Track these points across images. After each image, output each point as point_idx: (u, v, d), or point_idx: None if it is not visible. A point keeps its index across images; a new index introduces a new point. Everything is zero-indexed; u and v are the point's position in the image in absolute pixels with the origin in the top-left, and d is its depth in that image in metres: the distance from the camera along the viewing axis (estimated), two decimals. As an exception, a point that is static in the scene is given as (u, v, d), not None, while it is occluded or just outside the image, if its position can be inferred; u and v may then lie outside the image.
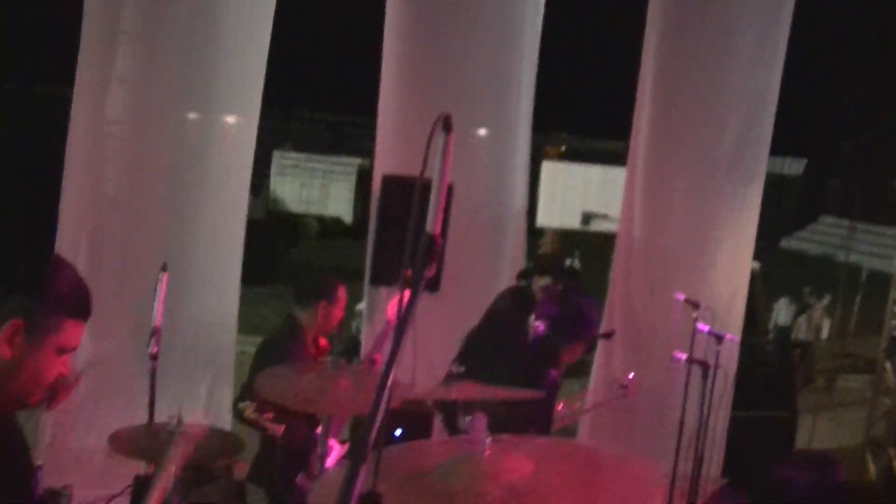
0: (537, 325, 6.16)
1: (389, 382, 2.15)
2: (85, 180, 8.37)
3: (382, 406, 2.09)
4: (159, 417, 5.19)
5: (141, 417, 5.30)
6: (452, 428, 5.97)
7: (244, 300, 9.02)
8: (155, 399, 5.22)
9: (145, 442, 4.14)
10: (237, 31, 8.55)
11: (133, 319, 7.68)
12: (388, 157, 9.11)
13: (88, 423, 7.98)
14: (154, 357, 5.25)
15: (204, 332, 8.60)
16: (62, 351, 2.86)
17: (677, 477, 7.15)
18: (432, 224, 2.31)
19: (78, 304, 2.86)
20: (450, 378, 4.62)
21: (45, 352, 2.81)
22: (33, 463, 3.17)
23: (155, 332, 5.29)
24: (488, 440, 2.48)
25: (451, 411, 5.93)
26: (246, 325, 9.43)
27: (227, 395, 8.47)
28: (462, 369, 3.91)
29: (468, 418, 3.32)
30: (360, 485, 2.01)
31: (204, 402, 8.63)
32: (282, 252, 24.16)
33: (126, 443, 4.11)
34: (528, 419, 5.21)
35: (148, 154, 8.50)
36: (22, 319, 2.73)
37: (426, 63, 9.13)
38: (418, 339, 2.36)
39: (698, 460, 6.50)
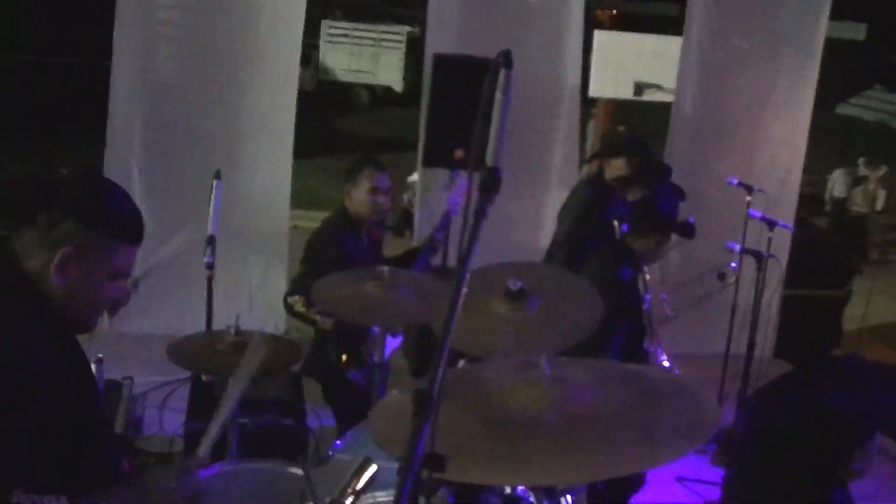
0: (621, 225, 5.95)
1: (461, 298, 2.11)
2: (134, 68, 8.36)
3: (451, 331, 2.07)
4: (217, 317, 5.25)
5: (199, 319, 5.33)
6: None
7: (295, 173, 9.00)
8: (212, 309, 5.23)
9: (203, 351, 4.17)
10: None
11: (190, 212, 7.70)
12: (440, 28, 8.98)
13: (147, 314, 8.13)
14: (210, 266, 5.20)
15: (258, 210, 8.65)
16: (115, 276, 2.87)
17: (730, 357, 7.20)
18: (493, 156, 2.27)
19: (130, 228, 2.85)
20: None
21: (99, 277, 2.82)
22: (97, 383, 3.21)
23: (210, 241, 5.22)
24: (547, 363, 2.48)
25: None
26: (296, 198, 9.39)
27: (280, 278, 8.54)
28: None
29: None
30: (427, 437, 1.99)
31: (259, 282, 8.74)
32: (333, 122, 24.10)
33: (184, 353, 4.14)
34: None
35: (197, 34, 8.46)
36: (73, 246, 2.74)
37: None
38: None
39: (751, 346, 6.50)
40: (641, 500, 6.10)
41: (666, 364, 5.90)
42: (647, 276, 5.76)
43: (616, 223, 5.76)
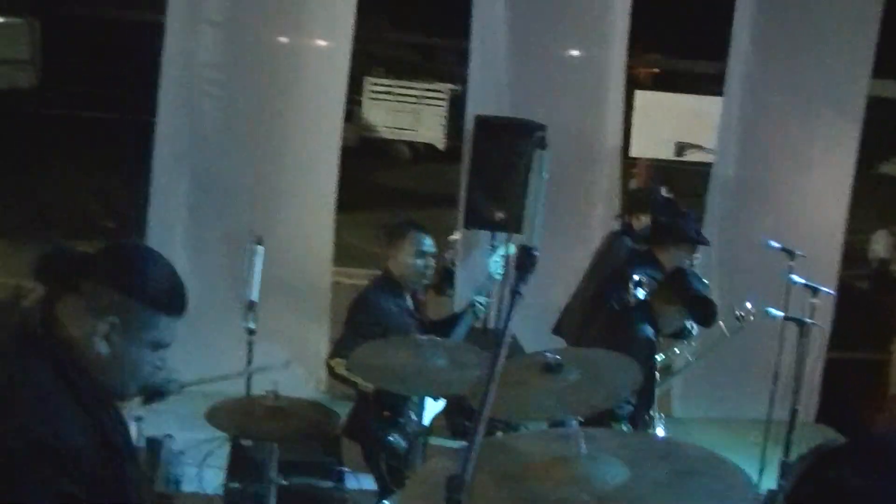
0: (640, 285, 6.01)
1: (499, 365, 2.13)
2: (178, 125, 8.47)
3: (490, 397, 2.08)
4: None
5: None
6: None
7: (336, 228, 9.03)
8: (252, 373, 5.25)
9: (242, 417, 4.20)
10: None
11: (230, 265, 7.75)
12: (480, 88, 9.05)
13: (189, 370, 8.15)
14: (251, 332, 5.23)
15: (300, 268, 8.71)
16: (157, 346, 2.92)
17: (772, 422, 7.14)
18: (529, 236, 2.30)
19: (173, 301, 2.89)
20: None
21: (141, 347, 2.86)
22: (131, 448, 3.23)
23: (251, 307, 5.25)
24: (583, 441, 2.48)
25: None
26: (337, 254, 9.42)
27: (322, 336, 8.56)
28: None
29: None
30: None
31: (300, 340, 8.76)
32: (374, 178, 24.20)
33: (223, 416, 4.17)
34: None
35: (241, 92, 8.58)
36: (117, 316, 2.79)
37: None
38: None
39: (792, 412, 6.45)
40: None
41: (661, 432, 5.86)
42: None
43: (641, 281, 5.80)
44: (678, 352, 6.63)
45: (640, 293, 5.87)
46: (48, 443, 2.57)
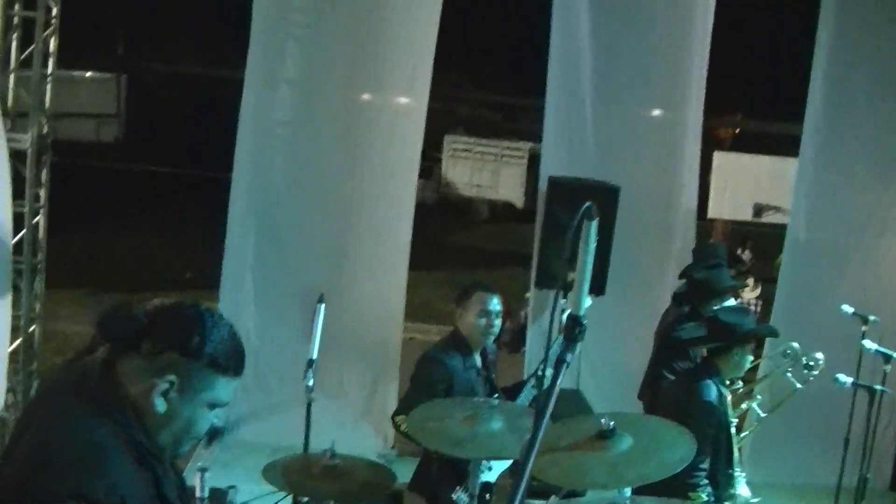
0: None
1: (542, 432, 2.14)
2: (252, 180, 8.59)
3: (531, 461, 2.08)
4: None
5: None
6: None
7: (413, 285, 9.06)
8: (310, 431, 5.28)
9: (298, 475, 4.22)
10: (404, 13, 8.63)
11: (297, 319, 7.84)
12: (556, 148, 9.08)
13: (259, 423, 8.28)
14: (310, 390, 5.25)
15: (371, 324, 8.76)
16: (214, 405, 2.97)
17: (843, 489, 7.03)
18: (576, 305, 2.30)
19: (231, 362, 2.91)
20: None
21: (198, 406, 2.92)
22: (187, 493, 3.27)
23: (310, 364, 5.28)
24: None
25: None
26: (414, 310, 9.45)
27: (392, 392, 8.57)
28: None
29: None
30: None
31: (369, 394, 8.80)
32: (452, 236, 24.31)
33: (280, 474, 4.20)
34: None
35: (315, 151, 8.68)
36: (177, 376, 2.86)
37: (596, 39, 8.91)
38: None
39: (862, 480, 6.34)
40: None
41: (745, 491, 5.77)
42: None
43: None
44: (745, 407, 6.55)
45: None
46: (101, 498, 2.62)
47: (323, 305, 5.59)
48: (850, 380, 6.23)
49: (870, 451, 6.36)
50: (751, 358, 5.77)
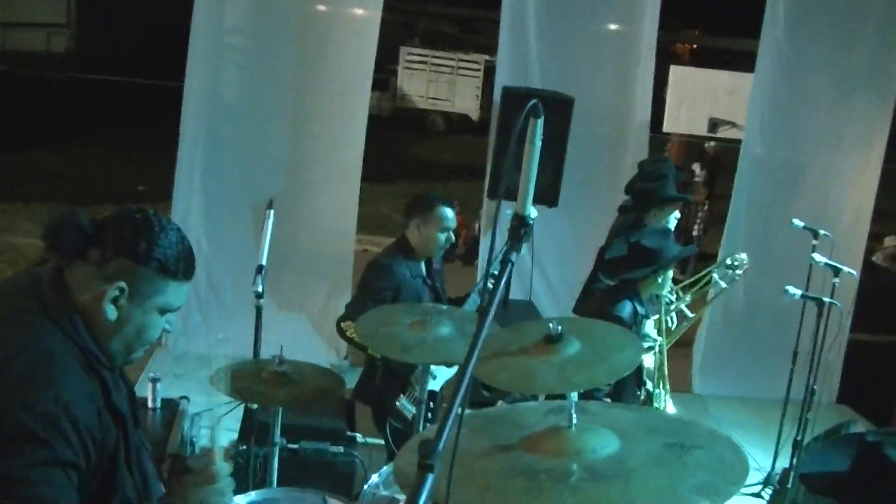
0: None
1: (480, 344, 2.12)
2: (203, 91, 8.48)
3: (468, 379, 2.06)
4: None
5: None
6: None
7: (368, 198, 9.01)
8: (259, 337, 5.26)
9: (246, 381, 4.20)
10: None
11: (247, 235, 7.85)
12: (511, 60, 9.05)
13: (211, 335, 8.28)
14: (259, 296, 5.21)
15: (323, 236, 8.73)
16: (164, 311, 2.95)
17: (790, 402, 7.11)
18: (521, 205, 2.27)
19: (180, 266, 2.88)
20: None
21: (149, 312, 2.89)
22: (138, 412, 3.26)
23: (259, 270, 5.23)
24: (577, 411, 2.48)
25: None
26: (368, 222, 9.41)
27: (344, 301, 8.56)
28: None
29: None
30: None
31: (322, 306, 8.81)
32: (408, 148, 24.23)
33: (228, 381, 4.17)
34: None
35: (268, 61, 8.58)
36: (125, 282, 2.83)
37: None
38: (536, 253, 2.29)
39: (810, 391, 6.40)
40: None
41: (672, 409, 5.85)
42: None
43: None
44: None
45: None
46: (50, 411, 2.60)
47: (272, 211, 5.54)
48: (799, 292, 6.26)
49: (817, 364, 6.41)
50: (671, 275, 5.86)
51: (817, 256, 6.63)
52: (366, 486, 3.95)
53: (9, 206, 13.86)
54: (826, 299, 6.21)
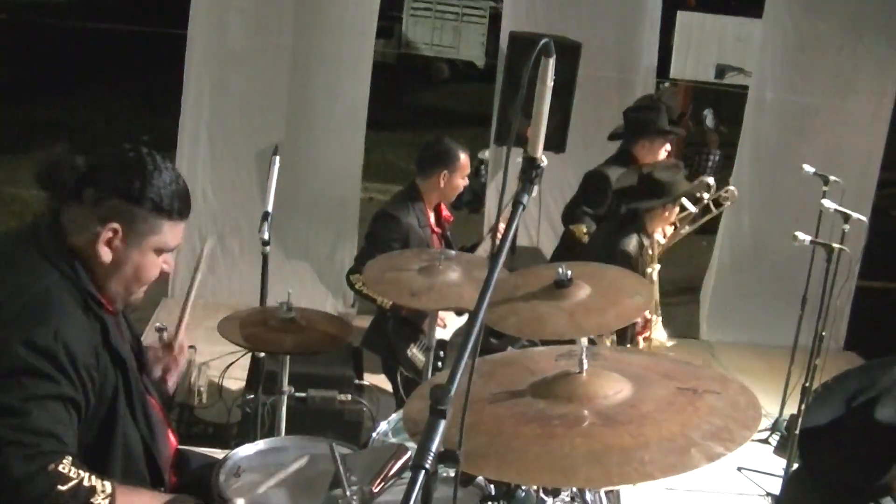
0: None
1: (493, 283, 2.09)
2: (207, 38, 8.40)
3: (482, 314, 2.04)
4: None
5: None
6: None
7: (373, 146, 8.95)
8: (266, 285, 5.23)
9: (254, 328, 4.16)
10: None
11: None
12: (517, 5, 8.95)
13: (219, 283, 8.30)
14: (265, 243, 5.17)
15: (329, 184, 8.68)
16: (161, 250, 2.91)
17: (798, 349, 7.09)
18: (533, 146, 2.23)
19: (175, 205, 2.87)
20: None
21: (145, 252, 2.87)
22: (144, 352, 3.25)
23: (265, 217, 5.18)
24: (587, 358, 2.45)
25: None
26: (373, 170, 9.36)
27: (350, 251, 8.54)
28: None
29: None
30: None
31: (328, 254, 8.78)
32: (413, 96, 24.09)
33: (235, 328, 4.14)
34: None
35: (271, 7, 8.48)
36: (120, 223, 2.80)
37: None
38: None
39: (818, 337, 6.36)
40: (700, 489, 6.06)
41: (662, 334, 5.90)
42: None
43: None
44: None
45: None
46: (49, 346, 2.59)
47: (278, 157, 5.47)
48: (808, 238, 6.21)
49: (826, 310, 6.37)
50: (677, 210, 5.98)
51: (827, 203, 6.57)
52: (374, 434, 3.93)
53: (12, 158, 13.80)
54: (836, 245, 6.16)
